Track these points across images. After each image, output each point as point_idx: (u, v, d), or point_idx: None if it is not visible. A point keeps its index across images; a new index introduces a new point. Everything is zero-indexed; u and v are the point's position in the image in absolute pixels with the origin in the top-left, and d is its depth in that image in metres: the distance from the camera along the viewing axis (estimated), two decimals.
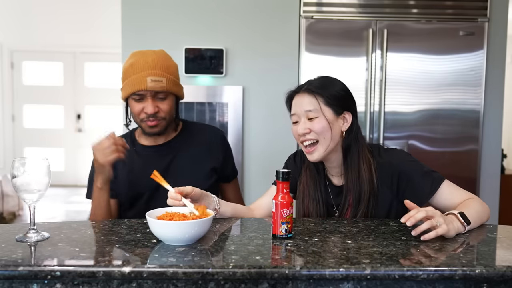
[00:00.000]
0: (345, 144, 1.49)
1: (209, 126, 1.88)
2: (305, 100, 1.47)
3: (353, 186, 1.47)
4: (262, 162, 3.00)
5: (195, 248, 1.11)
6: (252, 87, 2.97)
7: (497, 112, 2.99)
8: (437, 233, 1.18)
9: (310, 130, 1.45)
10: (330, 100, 1.45)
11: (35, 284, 1.00)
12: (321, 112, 1.45)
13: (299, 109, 1.48)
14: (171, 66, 1.66)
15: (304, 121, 1.46)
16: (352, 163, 1.48)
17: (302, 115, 1.47)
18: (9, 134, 7.09)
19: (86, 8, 6.61)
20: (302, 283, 1.01)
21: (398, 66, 2.92)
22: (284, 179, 1.23)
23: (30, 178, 1.16)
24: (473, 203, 1.36)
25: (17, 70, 7.07)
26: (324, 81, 1.50)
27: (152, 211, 1.22)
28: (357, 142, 1.50)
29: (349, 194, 1.48)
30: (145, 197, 1.67)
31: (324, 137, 1.45)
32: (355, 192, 1.47)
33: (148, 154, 1.71)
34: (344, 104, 1.48)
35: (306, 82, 1.52)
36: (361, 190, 1.46)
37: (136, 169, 1.68)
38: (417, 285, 1.02)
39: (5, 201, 5.12)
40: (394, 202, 1.48)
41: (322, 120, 1.44)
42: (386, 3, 2.92)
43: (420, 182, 1.44)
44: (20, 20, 6.77)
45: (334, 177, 1.56)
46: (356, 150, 1.49)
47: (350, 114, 1.49)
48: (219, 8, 2.94)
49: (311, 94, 1.46)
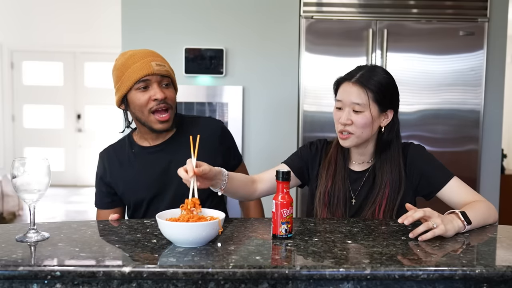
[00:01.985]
0: (386, 140, 1.52)
1: (207, 119, 1.81)
2: (355, 92, 1.46)
3: (392, 180, 1.49)
4: (262, 162, 3.00)
5: (195, 248, 1.11)
6: (252, 87, 2.97)
7: (497, 112, 2.99)
8: (434, 233, 1.19)
9: (352, 122, 1.46)
10: (379, 97, 1.46)
11: (35, 284, 1.00)
12: (368, 107, 1.45)
13: (347, 98, 1.47)
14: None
15: (349, 111, 1.46)
16: (392, 158, 1.51)
17: (348, 105, 1.47)
18: (9, 134, 7.09)
19: (86, 8, 6.61)
20: (302, 283, 1.01)
21: (398, 66, 2.92)
22: (284, 179, 1.23)
23: (30, 178, 1.16)
24: (479, 205, 1.37)
25: (17, 70, 7.07)
26: (376, 75, 1.48)
27: (162, 212, 1.21)
28: (398, 139, 1.54)
29: (385, 187, 1.50)
30: (146, 200, 1.64)
31: (363, 132, 1.47)
32: (393, 185, 1.49)
33: (148, 155, 1.65)
34: (390, 101, 1.50)
35: (358, 71, 1.49)
36: (399, 185, 1.50)
37: (137, 172, 1.65)
38: (417, 285, 1.02)
39: (5, 201, 5.12)
40: (411, 196, 1.53)
41: (367, 116, 1.45)
42: (386, 3, 2.92)
43: (434, 174, 1.50)
44: (20, 20, 6.77)
45: (355, 164, 1.57)
46: (397, 146, 1.53)
47: (393, 112, 1.52)
48: (219, 8, 2.94)
49: (362, 87, 1.45)
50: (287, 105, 2.98)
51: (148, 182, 1.62)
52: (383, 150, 1.52)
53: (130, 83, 1.54)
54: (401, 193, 1.49)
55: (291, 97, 2.97)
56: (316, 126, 2.95)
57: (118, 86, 1.58)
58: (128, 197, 1.65)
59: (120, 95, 1.58)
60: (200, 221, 1.15)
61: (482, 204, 1.38)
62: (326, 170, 1.55)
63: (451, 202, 1.47)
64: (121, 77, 1.56)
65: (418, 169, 1.51)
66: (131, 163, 1.64)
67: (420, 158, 1.53)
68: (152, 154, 1.65)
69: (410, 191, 1.52)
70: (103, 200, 1.69)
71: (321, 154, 1.60)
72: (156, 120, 1.55)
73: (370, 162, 1.56)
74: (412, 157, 1.52)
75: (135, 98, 1.55)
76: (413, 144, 1.58)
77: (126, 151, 1.66)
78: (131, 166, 1.64)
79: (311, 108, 2.94)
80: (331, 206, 1.52)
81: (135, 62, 1.54)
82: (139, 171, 1.63)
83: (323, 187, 1.54)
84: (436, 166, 1.51)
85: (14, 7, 6.64)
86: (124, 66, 1.56)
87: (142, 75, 1.52)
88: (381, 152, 1.53)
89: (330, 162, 1.56)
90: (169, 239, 1.15)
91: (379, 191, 1.50)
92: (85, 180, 7.04)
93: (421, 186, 1.51)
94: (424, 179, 1.50)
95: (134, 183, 1.63)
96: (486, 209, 1.37)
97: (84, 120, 7.20)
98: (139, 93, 1.54)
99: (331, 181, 1.53)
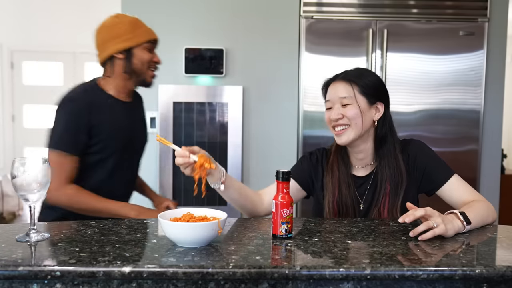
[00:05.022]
0: (380, 134, 1.54)
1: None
2: (341, 88, 1.52)
3: (390, 175, 1.51)
4: (262, 162, 3.00)
5: (195, 248, 1.11)
6: (252, 87, 2.97)
7: (497, 112, 2.99)
8: (434, 233, 1.19)
9: (343, 116, 1.49)
10: (365, 89, 1.50)
11: (35, 284, 1.00)
12: (355, 99, 1.49)
13: (334, 95, 1.53)
14: None
15: (338, 107, 1.51)
16: (388, 153, 1.53)
17: (337, 102, 1.52)
18: (9, 134, 7.09)
19: (86, 8, 6.61)
20: (302, 283, 1.01)
21: (398, 66, 2.92)
22: (284, 179, 1.23)
23: (30, 178, 1.16)
24: (478, 205, 1.38)
25: (17, 70, 7.06)
26: (360, 71, 1.55)
27: (164, 212, 1.21)
28: (392, 133, 1.56)
29: (386, 183, 1.51)
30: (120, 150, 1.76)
31: (356, 122, 1.49)
32: (393, 181, 1.50)
33: (123, 108, 1.80)
34: (377, 94, 1.53)
35: (343, 72, 1.56)
36: (399, 180, 1.50)
37: (117, 120, 1.75)
38: (417, 285, 1.02)
39: (5, 201, 5.11)
40: (413, 193, 1.54)
41: (355, 107, 1.49)
42: (386, 3, 2.92)
43: (435, 171, 1.51)
44: (20, 20, 6.77)
45: (358, 169, 1.58)
46: (392, 140, 1.54)
47: (383, 105, 1.54)
48: (219, 8, 2.94)
49: (347, 82, 1.51)
50: (287, 105, 2.99)
51: (123, 132, 1.78)
52: (380, 146, 1.54)
53: (142, 39, 1.75)
54: (403, 188, 1.50)
55: (291, 97, 2.98)
56: (316, 126, 2.95)
57: (126, 38, 1.73)
58: (106, 143, 1.72)
59: (127, 46, 1.74)
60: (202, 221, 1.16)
61: (481, 204, 1.38)
62: (331, 179, 1.56)
63: (451, 200, 1.48)
64: (132, 32, 1.74)
65: (421, 166, 1.52)
66: (112, 111, 1.75)
67: (422, 155, 1.54)
68: (127, 109, 1.82)
69: (413, 187, 1.53)
70: (78, 146, 1.66)
71: (323, 164, 1.61)
72: (150, 75, 1.81)
73: (372, 164, 1.56)
74: (415, 154, 1.54)
75: (142, 54, 1.77)
76: (414, 141, 1.59)
77: (104, 99, 1.75)
78: (113, 113, 1.75)
79: (311, 108, 2.94)
80: (341, 214, 1.53)
81: (145, 26, 1.78)
82: (118, 120, 1.76)
83: (331, 196, 1.54)
84: (437, 163, 1.53)
85: (14, 7, 6.64)
86: (135, 24, 1.76)
87: (153, 38, 1.79)
88: (378, 148, 1.54)
89: (333, 171, 1.56)
90: (169, 239, 1.15)
91: (381, 188, 1.51)
92: None
93: (423, 183, 1.52)
94: (426, 176, 1.52)
95: (116, 130, 1.74)
96: (485, 209, 1.37)
97: None
98: (146, 52, 1.77)
99: (338, 190, 1.54)
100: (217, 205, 2.58)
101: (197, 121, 2.97)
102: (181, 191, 2.96)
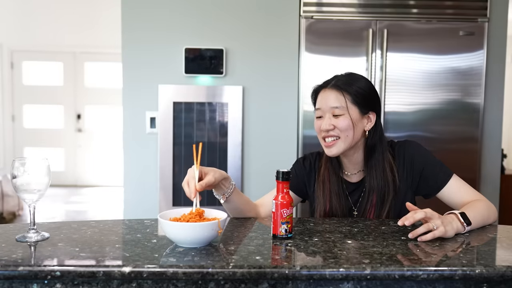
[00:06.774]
0: (370, 144, 1.50)
1: None
2: (332, 96, 1.46)
3: (377, 186, 1.47)
4: (262, 162, 3.00)
5: (195, 248, 1.11)
6: (252, 87, 2.97)
7: (497, 112, 2.99)
8: (434, 235, 1.19)
9: (334, 127, 1.45)
10: (357, 99, 1.45)
11: (35, 284, 1.00)
12: (347, 110, 1.44)
13: (325, 104, 1.47)
14: None
15: (329, 117, 1.46)
16: (376, 163, 1.49)
17: (327, 111, 1.47)
18: (9, 134, 7.09)
19: (86, 8, 6.62)
20: (302, 283, 1.01)
21: (398, 66, 2.92)
22: (284, 179, 1.23)
23: (30, 178, 1.16)
24: (478, 205, 1.36)
25: (17, 70, 7.07)
26: (352, 78, 1.49)
27: (164, 212, 1.21)
28: (382, 143, 1.51)
29: (373, 194, 1.48)
30: None
31: (347, 135, 1.45)
32: (380, 192, 1.47)
33: None
34: (370, 103, 1.48)
35: (334, 78, 1.50)
36: (386, 191, 1.47)
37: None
38: (417, 285, 1.02)
39: (5, 201, 5.11)
40: (410, 196, 1.51)
41: (347, 118, 1.44)
42: (386, 3, 2.92)
43: (432, 175, 1.47)
44: (20, 20, 6.77)
45: (350, 175, 1.56)
46: (381, 150, 1.50)
47: (375, 115, 1.50)
48: (219, 8, 2.94)
49: (338, 90, 1.46)
50: (287, 105, 2.98)
51: None
52: (370, 156, 1.50)
53: None
54: (389, 199, 1.47)
55: (291, 97, 2.97)
56: None
57: None
58: None
59: None
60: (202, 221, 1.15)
61: (481, 204, 1.37)
62: (322, 191, 1.53)
63: (451, 202, 1.46)
64: None
65: (417, 169, 1.49)
66: None
67: (419, 156, 1.50)
68: None
69: (409, 191, 1.51)
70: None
71: (315, 169, 1.58)
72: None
73: (365, 170, 1.53)
74: (411, 155, 1.50)
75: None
76: (409, 142, 1.54)
77: None
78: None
79: (311, 108, 2.92)
80: None
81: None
82: None
83: (322, 208, 1.52)
84: (435, 165, 1.48)
85: (14, 7, 6.64)
86: None
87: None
88: (368, 158, 1.51)
89: (324, 182, 1.53)
90: (169, 239, 1.15)
91: (368, 199, 1.49)
92: (85, 180, 7.03)
93: (421, 185, 1.49)
94: (423, 180, 1.48)
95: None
96: (485, 208, 1.36)
97: (84, 120, 7.19)
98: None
99: (329, 202, 1.52)
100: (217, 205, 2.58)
101: (197, 121, 2.97)
102: (181, 191, 2.96)
